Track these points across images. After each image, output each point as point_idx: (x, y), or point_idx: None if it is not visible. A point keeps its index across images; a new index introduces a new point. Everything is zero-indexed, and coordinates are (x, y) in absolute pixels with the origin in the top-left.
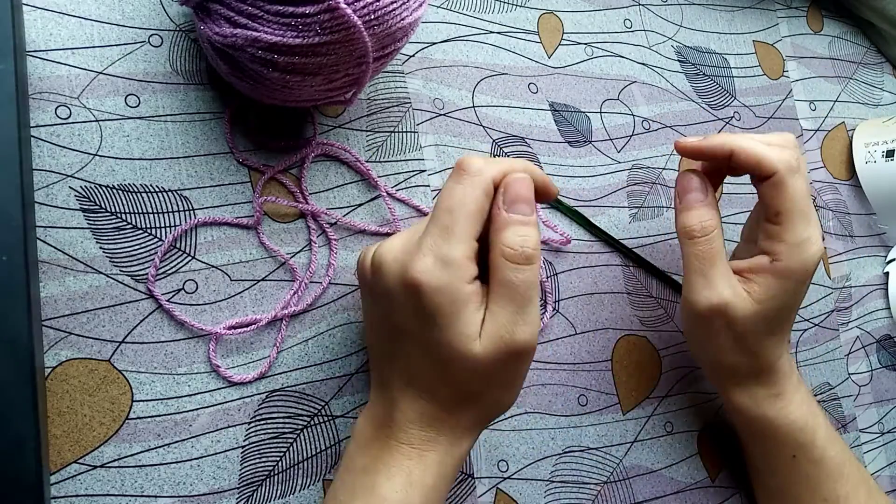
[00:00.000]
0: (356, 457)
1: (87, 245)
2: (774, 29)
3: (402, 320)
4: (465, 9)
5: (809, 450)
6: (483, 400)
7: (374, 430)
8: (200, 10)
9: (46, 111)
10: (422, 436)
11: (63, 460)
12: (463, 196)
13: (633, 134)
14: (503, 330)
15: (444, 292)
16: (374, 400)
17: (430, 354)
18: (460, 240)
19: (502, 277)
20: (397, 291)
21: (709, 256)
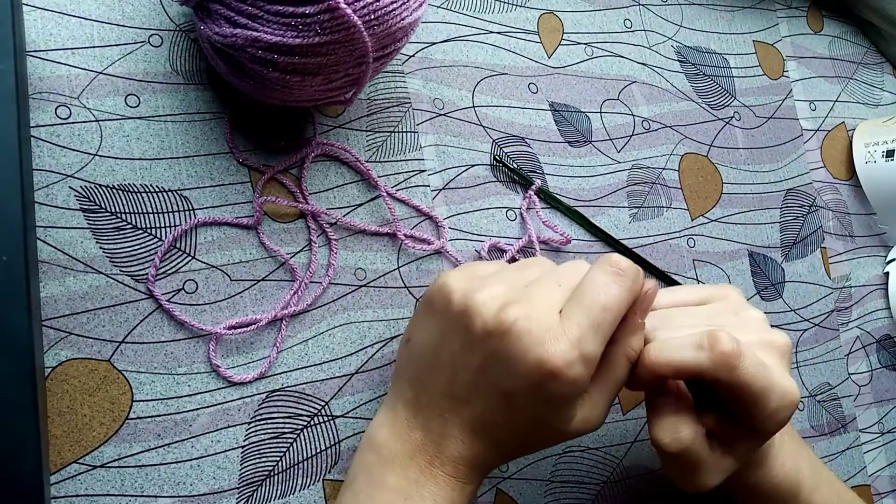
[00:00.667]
0: (387, 475)
1: (87, 245)
2: (774, 29)
3: (507, 384)
4: (465, 9)
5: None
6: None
7: (410, 452)
8: (200, 10)
9: (46, 111)
10: (468, 473)
11: (63, 460)
12: (619, 300)
13: (633, 134)
14: (598, 419)
15: (575, 386)
16: (411, 422)
17: (524, 427)
18: (605, 340)
19: (619, 376)
20: (524, 365)
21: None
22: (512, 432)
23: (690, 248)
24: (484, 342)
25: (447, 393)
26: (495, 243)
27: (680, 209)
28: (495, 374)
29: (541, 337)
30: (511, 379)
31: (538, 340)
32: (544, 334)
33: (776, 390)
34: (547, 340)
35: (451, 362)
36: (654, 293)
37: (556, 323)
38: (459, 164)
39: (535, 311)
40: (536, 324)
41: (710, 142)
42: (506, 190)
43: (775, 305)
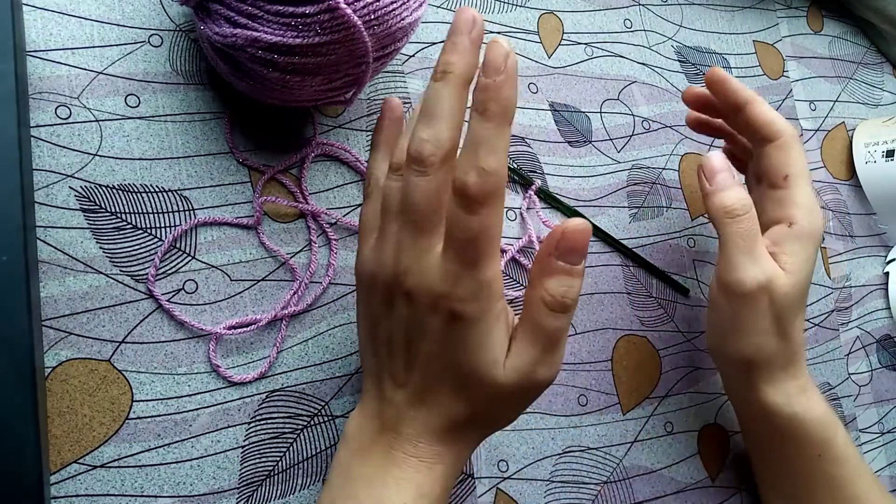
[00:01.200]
0: (353, 464)
1: (87, 245)
2: (774, 29)
3: (423, 337)
4: None
5: (833, 448)
6: (493, 420)
7: (373, 439)
8: (200, 10)
9: (46, 111)
10: (431, 450)
11: (63, 460)
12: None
13: (633, 134)
14: (527, 367)
15: (479, 317)
16: (370, 407)
17: (451, 371)
18: (492, 260)
19: (536, 320)
20: (423, 311)
21: (752, 233)
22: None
23: (690, 248)
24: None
25: (380, 365)
26: None
27: (680, 209)
28: (403, 331)
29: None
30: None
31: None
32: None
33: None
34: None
35: (372, 335)
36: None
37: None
38: None
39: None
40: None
41: (710, 142)
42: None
43: None
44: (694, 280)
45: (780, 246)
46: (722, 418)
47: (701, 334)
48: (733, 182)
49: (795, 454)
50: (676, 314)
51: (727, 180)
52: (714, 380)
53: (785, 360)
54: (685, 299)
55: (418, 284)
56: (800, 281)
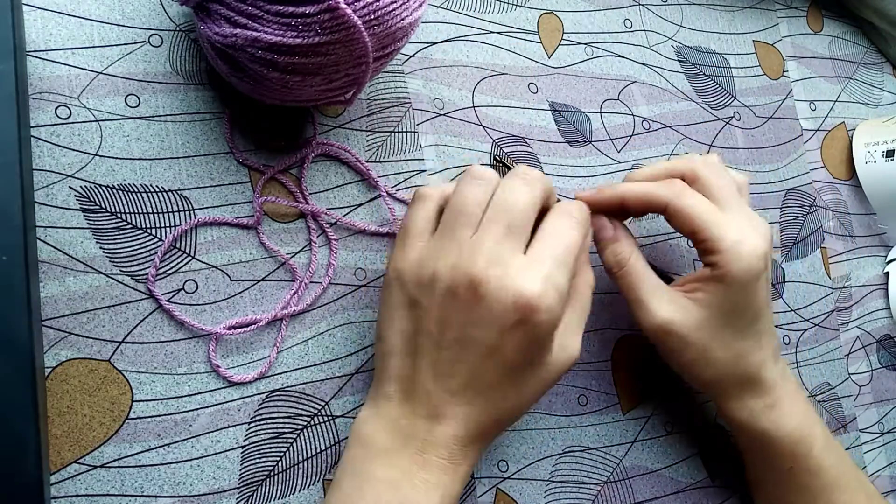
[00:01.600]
0: (375, 468)
1: (87, 245)
2: (774, 29)
3: (488, 334)
4: (465, 9)
5: (805, 461)
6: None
7: (399, 442)
8: (200, 10)
9: (46, 111)
10: (461, 450)
11: (63, 460)
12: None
13: (633, 134)
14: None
15: (552, 314)
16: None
17: (512, 367)
18: (571, 276)
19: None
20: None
21: (633, 285)
22: (502, 386)
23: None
24: (456, 303)
25: (431, 373)
26: None
27: None
28: (476, 331)
29: (514, 274)
30: (492, 327)
31: (512, 277)
32: (516, 272)
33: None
34: (519, 275)
35: (426, 342)
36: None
37: (524, 260)
38: (459, 164)
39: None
40: (504, 265)
41: (710, 142)
42: None
43: (775, 305)
44: None
45: (701, 283)
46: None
47: None
48: (609, 238)
49: (769, 466)
50: None
51: (602, 239)
52: None
53: (739, 382)
54: None
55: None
56: (718, 315)
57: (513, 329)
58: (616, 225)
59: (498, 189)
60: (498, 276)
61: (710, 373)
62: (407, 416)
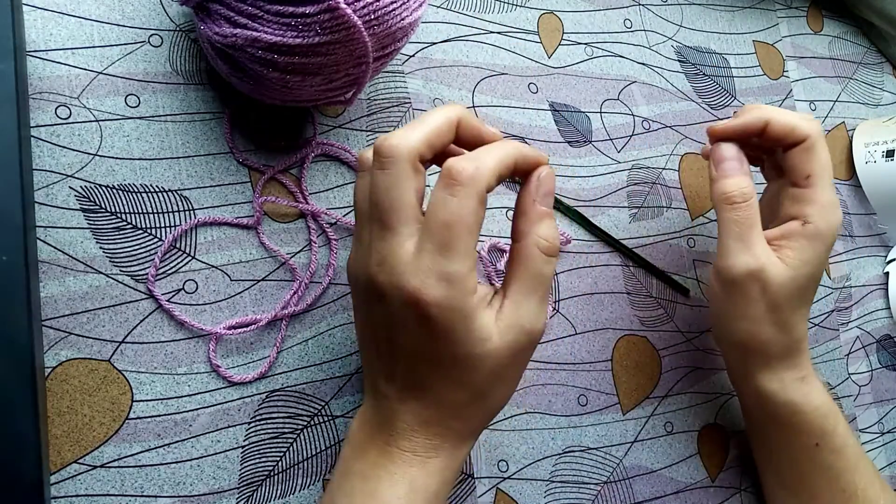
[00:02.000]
0: (352, 461)
1: (87, 245)
2: (774, 29)
3: (401, 334)
4: (465, 9)
5: (832, 438)
6: (490, 397)
7: (369, 435)
8: (200, 10)
9: (46, 111)
10: (426, 443)
11: (63, 460)
12: (459, 209)
13: (633, 134)
14: (525, 319)
15: (452, 310)
16: (368, 404)
17: (437, 363)
18: (463, 255)
19: (534, 269)
20: (396, 309)
21: (748, 221)
22: (441, 380)
23: (690, 248)
24: (365, 301)
25: (372, 363)
26: (495, 243)
27: (680, 209)
28: (385, 328)
29: (400, 279)
30: (398, 328)
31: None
32: (401, 268)
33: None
34: (407, 281)
35: (363, 333)
36: (552, 179)
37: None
38: None
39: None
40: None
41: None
42: (506, 190)
43: None
44: (694, 280)
45: (788, 240)
46: (722, 418)
47: (701, 334)
48: (738, 170)
49: (792, 442)
50: (676, 314)
51: (732, 168)
52: (714, 379)
53: (782, 351)
54: (685, 299)
55: (389, 280)
56: (800, 276)
57: (417, 326)
58: (744, 159)
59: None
60: (386, 275)
61: (767, 335)
62: (373, 412)
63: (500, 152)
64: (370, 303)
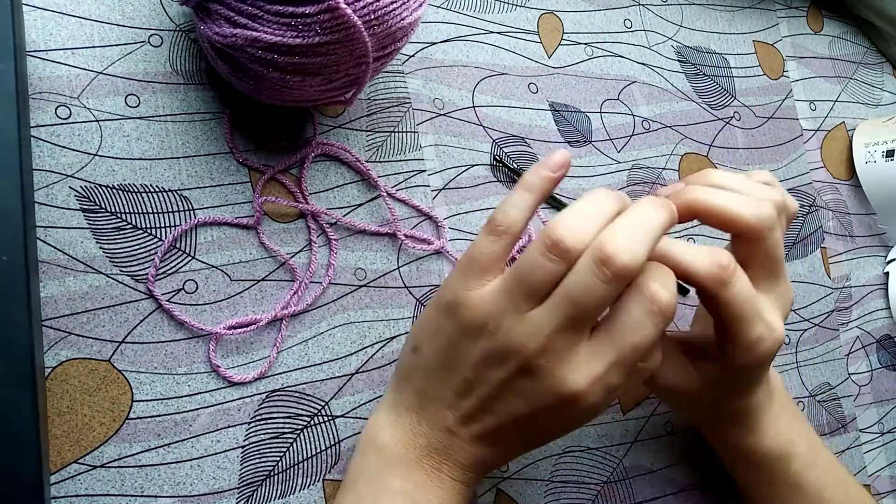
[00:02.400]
0: (391, 478)
1: (87, 245)
2: (774, 29)
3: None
4: (465, 9)
5: (784, 476)
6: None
7: (415, 457)
8: (200, 10)
9: (46, 111)
10: (476, 476)
11: (63, 460)
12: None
13: (633, 134)
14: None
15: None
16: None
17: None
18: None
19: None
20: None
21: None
22: (523, 441)
23: None
24: (502, 367)
25: (457, 411)
26: None
27: None
28: (513, 398)
29: (565, 368)
30: (530, 402)
31: (562, 370)
32: (569, 366)
33: (762, 322)
34: (571, 371)
35: (461, 380)
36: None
37: (581, 355)
38: (459, 164)
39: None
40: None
41: (710, 142)
42: (506, 190)
43: None
44: None
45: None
46: None
47: None
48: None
49: (751, 482)
50: (676, 314)
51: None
52: None
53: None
54: (685, 299)
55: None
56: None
57: (550, 410)
58: None
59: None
60: (549, 365)
61: (701, 416)
62: (424, 435)
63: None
64: (497, 362)
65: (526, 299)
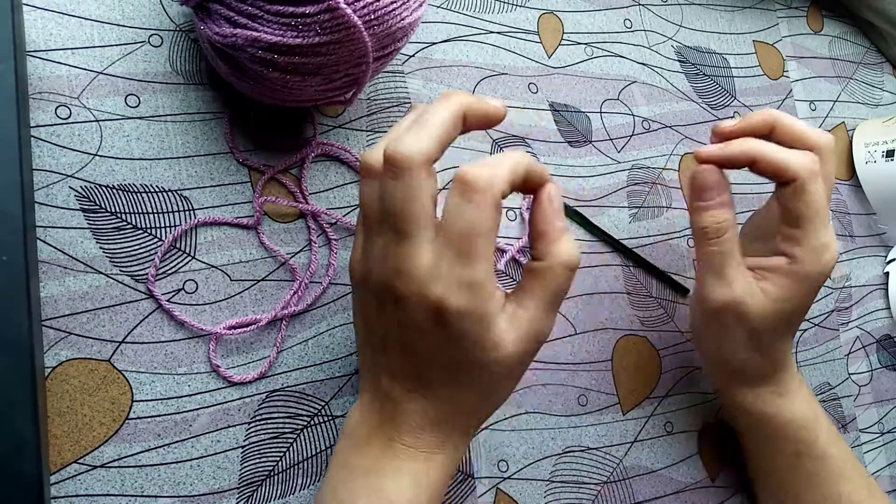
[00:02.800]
0: (352, 456)
1: (87, 245)
2: (774, 29)
3: (416, 338)
4: (465, 9)
5: (812, 447)
6: (497, 396)
7: (371, 431)
8: (200, 10)
9: (46, 111)
10: (431, 440)
11: (63, 460)
12: (477, 216)
13: (633, 134)
14: (540, 331)
15: (472, 317)
16: (369, 400)
17: (450, 366)
18: (483, 262)
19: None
20: (414, 314)
21: (723, 255)
22: (449, 380)
23: (690, 248)
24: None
25: (377, 360)
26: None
27: (680, 209)
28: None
29: (418, 279)
30: (411, 330)
31: (417, 282)
32: (420, 281)
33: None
34: (424, 280)
35: (369, 330)
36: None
37: (428, 265)
38: (459, 164)
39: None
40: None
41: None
42: None
43: None
44: (694, 280)
45: (773, 274)
46: (722, 418)
47: None
48: (715, 202)
49: (772, 451)
50: (676, 314)
51: (709, 199)
52: None
53: (759, 371)
54: (685, 299)
55: (408, 287)
56: (780, 310)
57: (435, 331)
58: (726, 186)
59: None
60: (404, 282)
61: (741, 358)
62: (376, 408)
63: (513, 161)
64: (382, 306)
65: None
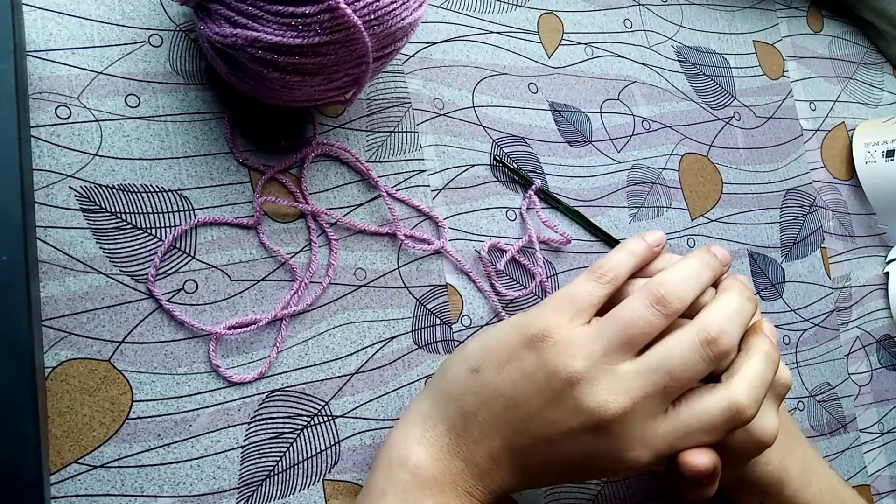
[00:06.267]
0: (423, 497)
1: (87, 245)
2: (774, 29)
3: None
4: (465, 9)
5: (777, 498)
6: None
7: (450, 479)
8: (200, 10)
9: (46, 111)
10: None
11: (63, 460)
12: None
13: (633, 134)
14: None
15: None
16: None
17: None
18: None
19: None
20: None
21: None
22: (562, 478)
23: (690, 248)
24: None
25: (506, 443)
26: (495, 243)
27: (680, 209)
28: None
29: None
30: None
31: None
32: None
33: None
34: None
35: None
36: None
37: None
38: (459, 164)
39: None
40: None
41: (710, 142)
42: (506, 190)
43: (775, 305)
44: None
45: None
46: None
47: None
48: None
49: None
50: None
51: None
52: None
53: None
54: None
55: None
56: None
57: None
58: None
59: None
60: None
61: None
62: (462, 458)
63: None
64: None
65: (622, 349)
